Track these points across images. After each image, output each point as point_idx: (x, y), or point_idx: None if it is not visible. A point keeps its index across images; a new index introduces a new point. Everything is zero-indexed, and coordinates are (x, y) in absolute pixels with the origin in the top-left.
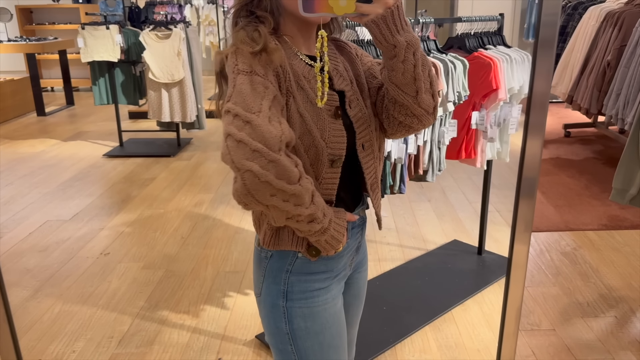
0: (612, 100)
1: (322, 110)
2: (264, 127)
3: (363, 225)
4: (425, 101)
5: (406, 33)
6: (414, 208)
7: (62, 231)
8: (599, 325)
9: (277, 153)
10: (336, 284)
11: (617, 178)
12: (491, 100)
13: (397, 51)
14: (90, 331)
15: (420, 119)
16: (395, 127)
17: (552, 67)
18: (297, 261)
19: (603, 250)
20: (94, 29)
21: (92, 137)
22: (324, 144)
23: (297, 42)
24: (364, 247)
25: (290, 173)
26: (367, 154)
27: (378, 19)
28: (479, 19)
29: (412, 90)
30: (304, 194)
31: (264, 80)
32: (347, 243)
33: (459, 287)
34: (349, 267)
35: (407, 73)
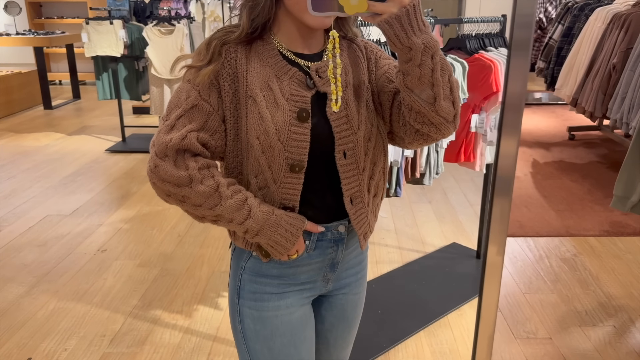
0: (617, 103)
1: (287, 112)
2: (160, 135)
3: (339, 242)
4: (445, 109)
5: (423, 34)
6: (414, 209)
7: (62, 226)
8: (597, 334)
9: (161, 159)
10: (297, 294)
11: (618, 185)
12: (491, 103)
13: (413, 54)
14: (83, 329)
15: (438, 128)
16: (412, 136)
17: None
18: (250, 259)
19: (604, 257)
20: (97, 24)
21: (96, 132)
22: (281, 146)
23: (294, 41)
24: (349, 268)
25: (174, 177)
26: (349, 163)
27: (392, 18)
28: (481, 20)
29: (429, 97)
30: (198, 197)
31: (192, 89)
32: (310, 255)
33: (456, 292)
34: (322, 282)
35: (424, 78)
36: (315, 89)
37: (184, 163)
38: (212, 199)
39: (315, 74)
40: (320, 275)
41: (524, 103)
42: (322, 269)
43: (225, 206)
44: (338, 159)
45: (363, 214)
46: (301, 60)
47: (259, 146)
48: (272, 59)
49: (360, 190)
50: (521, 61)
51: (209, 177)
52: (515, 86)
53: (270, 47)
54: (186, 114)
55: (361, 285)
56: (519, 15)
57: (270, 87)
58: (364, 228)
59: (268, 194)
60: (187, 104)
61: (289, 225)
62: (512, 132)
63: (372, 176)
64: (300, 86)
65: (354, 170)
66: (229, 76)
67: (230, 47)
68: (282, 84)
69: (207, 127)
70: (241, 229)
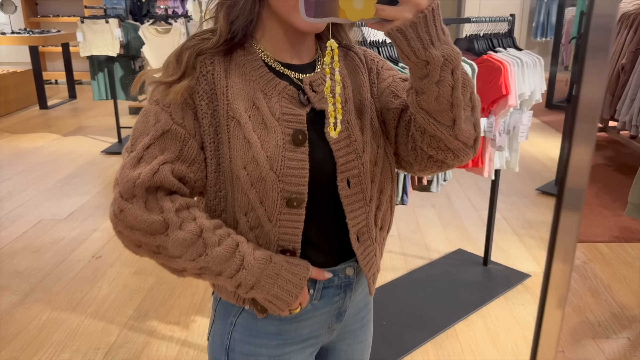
0: (626, 105)
1: (279, 134)
2: (125, 171)
3: (348, 287)
4: (465, 132)
5: (443, 45)
6: (418, 214)
7: (57, 231)
8: (611, 347)
9: (127, 201)
10: (298, 353)
11: (633, 192)
12: (500, 107)
13: (431, 69)
14: (77, 342)
15: (456, 154)
16: (423, 163)
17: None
18: (242, 314)
19: (614, 264)
20: (93, 23)
21: (92, 133)
22: (274, 176)
23: (281, 49)
24: (355, 313)
25: (145, 223)
26: (354, 193)
27: (406, 26)
28: (489, 20)
29: (448, 119)
30: (177, 246)
31: (161, 111)
32: (315, 306)
33: (463, 301)
34: (327, 333)
35: (442, 97)
36: (310, 106)
37: (157, 204)
38: (194, 247)
39: (309, 88)
40: (325, 327)
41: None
42: (327, 320)
43: (212, 256)
44: (341, 188)
45: (371, 253)
46: (291, 72)
47: (247, 178)
48: (256, 71)
49: (367, 224)
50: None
51: (189, 221)
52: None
53: (253, 57)
54: (156, 142)
55: (367, 331)
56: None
57: (257, 105)
58: (373, 269)
59: (262, 235)
60: (156, 129)
61: (291, 275)
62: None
63: (379, 207)
64: (292, 103)
65: (360, 201)
66: (205, 93)
67: (206, 58)
68: (271, 101)
69: (183, 157)
70: (232, 282)
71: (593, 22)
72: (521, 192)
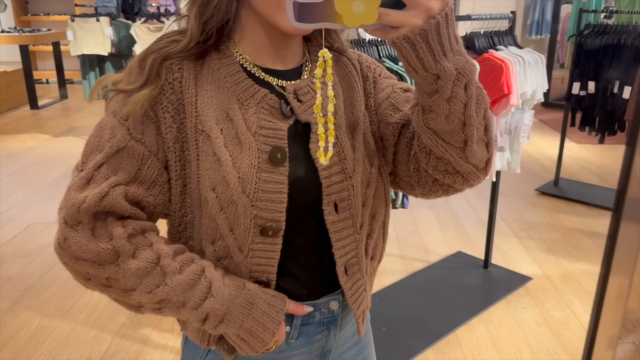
0: None
1: (255, 152)
2: (70, 193)
3: (331, 324)
4: (477, 154)
5: (457, 56)
6: (415, 215)
7: (47, 235)
8: (617, 352)
9: (72, 228)
10: None
11: None
12: (502, 106)
13: (442, 84)
14: (68, 350)
15: (466, 178)
16: (428, 187)
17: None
18: (209, 354)
19: None
20: (83, 21)
21: (84, 133)
22: (247, 200)
23: (262, 53)
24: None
25: (92, 253)
26: (343, 219)
27: (415, 34)
28: (490, 17)
29: (458, 140)
30: (130, 277)
31: (118, 124)
32: (291, 345)
33: (464, 305)
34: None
35: (453, 116)
36: (294, 118)
37: (105, 231)
38: (150, 277)
39: (294, 97)
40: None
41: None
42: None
43: (172, 285)
44: (327, 213)
45: (361, 287)
46: (273, 79)
47: (216, 201)
48: (232, 77)
49: (357, 254)
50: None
51: (144, 247)
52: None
53: (229, 60)
54: (109, 160)
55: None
56: None
57: (231, 117)
58: (362, 305)
59: (231, 266)
60: (110, 146)
61: (267, 306)
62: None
63: (370, 234)
64: (272, 115)
65: (349, 228)
66: (171, 104)
67: (173, 63)
68: (247, 112)
69: (141, 178)
70: (198, 315)
71: None
72: (520, 193)
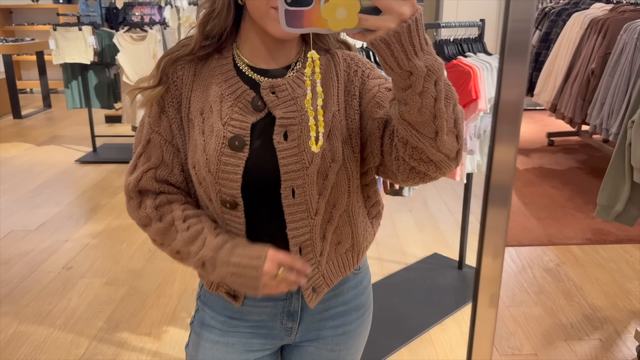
0: (596, 109)
1: (220, 139)
2: (126, 176)
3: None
4: (447, 144)
5: (427, 55)
6: (395, 218)
7: (26, 242)
8: (583, 349)
9: (127, 200)
10: (244, 336)
11: (602, 194)
12: (471, 111)
13: (414, 80)
14: (45, 355)
15: (438, 166)
16: (405, 174)
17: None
18: (202, 288)
19: (587, 266)
20: (65, 30)
21: (67, 142)
22: (211, 177)
23: (257, 55)
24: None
25: (137, 218)
26: (297, 204)
27: (389, 36)
28: (459, 25)
29: (430, 131)
30: (158, 235)
31: (146, 120)
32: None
33: (438, 305)
34: (283, 331)
35: (425, 109)
36: (266, 111)
37: (143, 203)
38: (168, 234)
39: (269, 91)
40: (277, 322)
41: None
42: (276, 315)
43: (180, 239)
44: (284, 197)
45: (312, 265)
46: (260, 77)
47: (195, 177)
48: (223, 75)
49: (311, 237)
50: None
51: (167, 214)
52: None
53: (225, 61)
54: (144, 150)
55: (342, 343)
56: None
57: (212, 109)
58: (311, 281)
59: None
60: (144, 138)
61: (248, 249)
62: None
63: (329, 221)
64: (243, 109)
65: (303, 212)
66: (174, 99)
67: (179, 65)
68: (225, 105)
69: (164, 162)
70: (197, 262)
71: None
72: None
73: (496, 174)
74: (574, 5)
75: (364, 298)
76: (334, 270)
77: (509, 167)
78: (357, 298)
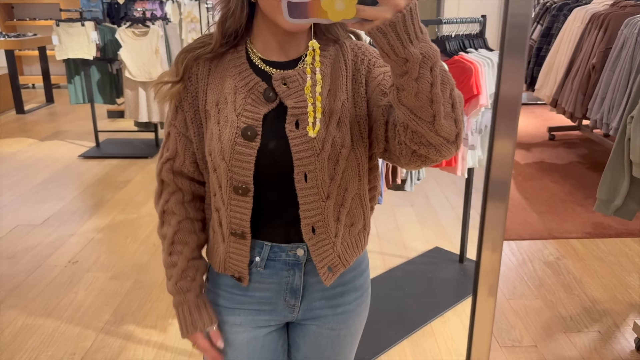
0: (597, 104)
1: (234, 129)
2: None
3: (296, 266)
4: (445, 128)
5: (421, 43)
6: (396, 213)
7: (32, 237)
8: (582, 341)
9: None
10: (251, 314)
11: (601, 188)
12: (472, 106)
13: (410, 66)
14: (52, 347)
15: (438, 149)
16: (408, 157)
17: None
18: (211, 271)
19: (587, 260)
20: (68, 26)
21: (70, 137)
22: (225, 165)
23: (269, 48)
24: (323, 298)
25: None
26: (310, 187)
27: (385, 25)
28: (460, 21)
29: (427, 115)
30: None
31: (168, 114)
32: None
33: (440, 298)
34: (287, 309)
35: (421, 94)
36: (278, 101)
37: (162, 197)
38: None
39: (281, 82)
40: (281, 299)
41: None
42: (280, 292)
43: (163, 257)
44: (297, 181)
45: (326, 245)
46: (272, 69)
47: (211, 164)
48: (237, 68)
49: (323, 219)
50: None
51: (166, 224)
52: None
53: (239, 55)
54: (166, 142)
55: (342, 322)
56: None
57: (227, 100)
58: (325, 261)
59: (222, 217)
60: (165, 131)
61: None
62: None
63: (342, 204)
64: (256, 100)
65: (315, 195)
66: (189, 94)
67: (197, 61)
68: (239, 97)
69: (178, 154)
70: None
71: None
72: None
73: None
74: (575, 0)
75: (362, 280)
76: (349, 251)
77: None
78: (356, 279)
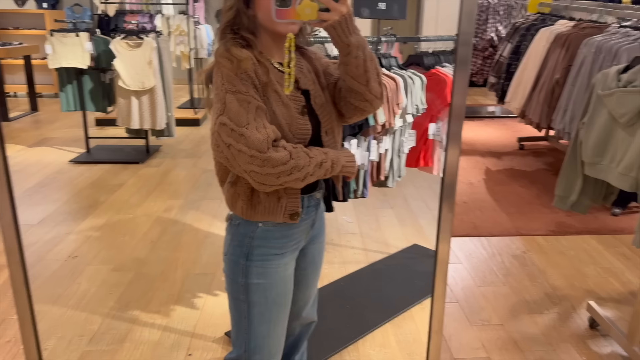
0: (559, 115)
1: (292, 109)
2: (253, 137)
3: (318, 206)
4: (375, 88)
5: (356, 35)
6: (378, 214)
7: (29, 235)
8: (543, 320)
9: (267, 152)
10: (290, 253)
11: (559, 186)
12: (446, 113)
13: (351, 49)
14: (61, 330)
15: (371, 103)
16: (351, 112)
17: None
18: (259, 230)
19: (550, 253)
20: (63, 36)
21: (58, 144)
22: (291, 135)
23: (271, 52)
24: (319, 224)
25: (281, 159)
26: (330, 138)
27: (335, 23)
28: (437, 39)
29: (364, 80)
30: (300, 163)
31: (246, 96)
32: (303, 218)
33: (418, 288)
34: (305, 239)
35: (359, 66)
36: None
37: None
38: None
39: (301, 74)
40: (305, 234)
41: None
42: (307, 228)
43: (315, 155)
44: (323, 136)
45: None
46: (281, 68)
47: None
48: (270, 69)
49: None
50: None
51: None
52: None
53: (265, 60)
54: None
55: (323, 234)
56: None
57: (276, 90)
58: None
59: None
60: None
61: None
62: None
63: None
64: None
65: (333, 143)
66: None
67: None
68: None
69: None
70: (328, 163)
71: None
72: None
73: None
74: (541, 21)
75: (323, 229)
76: None
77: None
78: (322, 226)
